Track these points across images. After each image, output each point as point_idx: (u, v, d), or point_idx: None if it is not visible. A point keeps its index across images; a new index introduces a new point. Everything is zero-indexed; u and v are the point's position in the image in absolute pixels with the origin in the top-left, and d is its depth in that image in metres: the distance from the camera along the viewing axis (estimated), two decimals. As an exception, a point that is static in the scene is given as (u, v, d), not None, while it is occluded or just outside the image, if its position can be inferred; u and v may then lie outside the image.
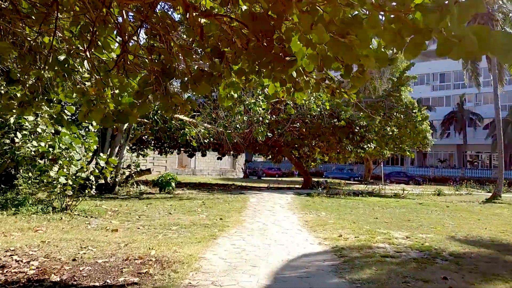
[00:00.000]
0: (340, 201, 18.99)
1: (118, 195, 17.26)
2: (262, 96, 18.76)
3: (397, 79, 25.99)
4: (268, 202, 16.66)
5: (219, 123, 18.85)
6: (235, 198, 17.62)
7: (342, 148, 23.02)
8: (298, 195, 20.38)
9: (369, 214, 14.27)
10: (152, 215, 11.96)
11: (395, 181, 47.73)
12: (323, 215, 13.20)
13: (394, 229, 10.53)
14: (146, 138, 27.36)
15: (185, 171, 40.15)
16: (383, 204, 18.85)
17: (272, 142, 23.97)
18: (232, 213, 12.69)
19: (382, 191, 24.65)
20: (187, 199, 16.76)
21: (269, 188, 23.90)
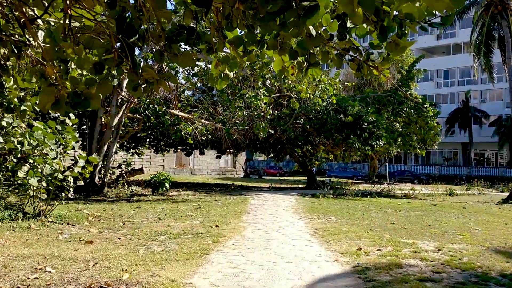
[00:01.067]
0: (349, 202, 17.50)
1: (106, 197, 15.77)
2: (263, 89, 17.29)
3: (406, 72, 24.46)
4: (271, 205, 15.17)
5: (217, 118, 17.36)
6: (235, 200, 16.13)
7: (349, 146, 21.49)
8: (302, 196, 18.88)
9: (384, 218, 12.78)
10: (138, 221, 10.48)
11: (400, 180, 46.31)
12: (333, 220, 11.70)
13: (418, 238, 9.04)
14: (141, 136, 25.93)
15: (184, 171, 38.67)
16: (395, 205, 17.37)
17: (274, 139, 22.47)
18: (230, 219, 11.19)
19: (392, 191, 23.15)
20: (182, 201, 15.27)
21: (271, 188, 22.41)
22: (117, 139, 16.74)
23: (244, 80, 19.10)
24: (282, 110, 22.05)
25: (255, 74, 16.77)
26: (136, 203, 14.02)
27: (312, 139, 22.97)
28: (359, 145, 20.26)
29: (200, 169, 39.71)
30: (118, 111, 16.54)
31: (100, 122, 16.72)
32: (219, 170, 40.89)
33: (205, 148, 24.32)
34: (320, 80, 17.56)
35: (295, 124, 22.51)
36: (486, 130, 55.28)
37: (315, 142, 24.85)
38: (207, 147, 24.81)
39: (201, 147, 23.67)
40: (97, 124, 16.69)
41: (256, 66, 16.65)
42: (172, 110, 18.16)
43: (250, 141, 23.97)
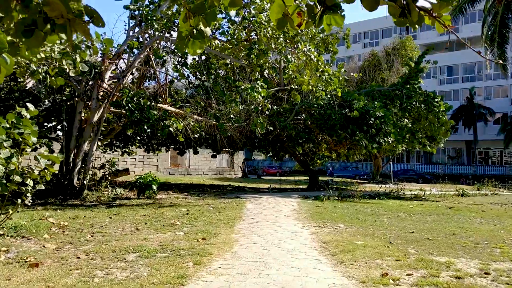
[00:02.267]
0: (356, 206, 15.79)
1: (85, 201, 14.05)
2: (261, 80, 15.57)
3: (415, 64, 22.73)
4: (270, 209, 13.45)
5: (210, 113, 15.64)
6: (229, 204, 14.41)
7: (354, 143, 19.78)
8: (305, 199, 17.16)
9: (399, 225, 11.08)
10: (111, 232, 8.76)
11: (403, 179, 44.67)
12: (342, 229, 9.99)
13: (451, 254, 7.33)
14: (131, 134, 24.22)
15: (179, 171, 36.94)
16: (407, 209, 15.68)
17: (273, 136, 20.76)
18: (221, 228, 9.47)
19: (401, 192, 21.45)
20: (169, 206, 13.54)
21: (270, 190, 20.67)
22: (98, 136, 15.01)
23: (240, 71, 17.37)
24: (282, 105, 20.33)
25: (251, 64, 15.05)
26: (116, 209, 12.29)
27: (314, 137, 21.26)
28: (365, 142, 18.55)
29: (196, 169, 37.97)
30: (99, 105, 14.81)
31: (79, 117, 14.99)
32: (216, 170, 39.15)
33: (199, 146, 22.62)
34: (324, 71, 15.84)
35: (296, 120, 20.79)
36: (491, 127, 53.68)
37: (317, 140, 23.16)
38: (201, 145, 23.11)
39: (195, 145, 21.96)
40: (75, 119, 14.96)
41: (252, 54, 14.95)
42: (161, 105, 16.44)
43: (248, 139, 22.27)
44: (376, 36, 65.01)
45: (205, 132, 19.48)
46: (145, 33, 16.35)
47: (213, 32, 15.79)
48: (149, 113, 13.74)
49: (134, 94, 13.87)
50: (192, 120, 17.52)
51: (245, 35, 15.35)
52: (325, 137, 23.34)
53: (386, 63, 36.78)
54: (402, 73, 35.34)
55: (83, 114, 15.17)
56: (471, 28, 58.61)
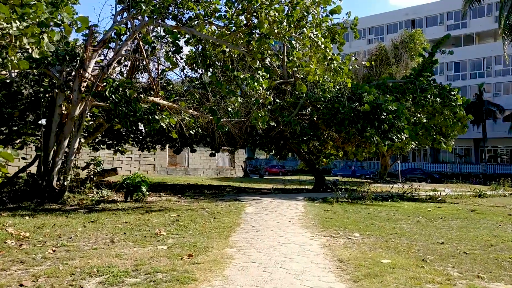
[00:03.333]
0: (369, 209, 14.17)
1: (64, 205, 12.48)
2: (262, 70, 13.96)
3: (429, 54, 21.04)
4: (272, 214, 11.84)
5: (205, 106, 14.05)
6: (227, 208, 12.81)
7: (364, 140, 18.16)
8: (311, 201, 15.54)
9: (424, 234, 9.48)
10: (79, 245, 7.17)
11: (411, 178, 43.02)
12: (359, 240, 8.38)
13: (502, 276, 5.72)
14: (125, 131, 22.67)
15: (177, 170, 35.33)
16: (425, 212, 14.09)
17: (275, 133, 19.14)
18: (214, 240, 7.87)
19: (415, 193, 19.79)
20: (158, 210, 11.95)
21: (273, 191, 19.01)
22: (80, 132, 13.43)
23: (239, 60, 15.77)
24: (286, 98, 18.72)
25: (251, 51, 13.44)
26: (96, 214, 10.70)
27: (320, 133, 19.63)
28: (377, 139, 16.91)
29: (195, 168, 36.35)
30: (82, 97, 13.23)
31: (60, 111, 13.43)
32: (216, 169, 37.52)
33: (196, 144, 21.04)
34: (333, 59, 14.22)
35: (301, 116, 19.17)
36: (500, 125, 51.89)
37: (323, 137, 21.52)
38: (199, 143, 21.53)
39: (191, 143, 20.39)
40: (55, 113, 13.39)
41: (252, 40, 13.34)
42: (152, 98, 14.86)
43: (248, 136, 20.69)
44: (382, 31, 63.34)
45: (202, 129, 17.94)
46: (134, 18, 14.77)
47: (209, 16, 14.17)
48: (136, 105, 12.13)
49: (119, 84, 12.27)
50: (187, 115, 15.96)
51: (245, 19, 13.74)
52: (332, 134, 21.72)
53: (394, 57, 35.06)
54: (411, 67, 33.63)
55: (64, 108, 13.61)
56: (480, 23, 56.87)
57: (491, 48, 55.00)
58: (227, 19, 13.98)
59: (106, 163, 30.48)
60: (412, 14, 60.92)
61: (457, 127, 20.37)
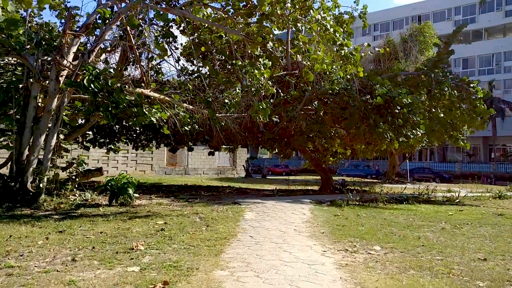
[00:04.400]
0: (384, 213, 12.58)
1: (38, 210, 10.94)
2: (263, 57, 12.40)
3: (445, 44, 19.39)
4: (275, 221, 10.26)
5: (199, 97, 12.50)
6: (223, 213, 11.24)
7: (376, 137, 16.58)
8: (318, 205, 13.95)
9: (455, 245, 7.91)
10: (29, 265, 5.63)
11: (419, 178, 41.37)
12: (381, 256, 6.80)
13: None
14: (118, 129, 21.16)
15: (176, 170, 33.79)
16: (447, 217, 12.50)
17: (278, 129, 17.55)
18: (201, 257, 6.30)
19: (431, 194, 18.15)
20: (144, 216, 10.39)
21: (276, 193, 17.39)
22: (58, 127, 11.88)
23: (238, 48, 14.21)
24: (290, 91, 17.13)
25: (251, 36, 11.87)
26: (69, 222, 9.15)
27: (326, 130, 18.04)
28: (391, 135, 15.30)
29: (195, 168, 34.79)
30: (59, 88, 11.69)
31: (35, 104, 11.89)
32: (217, 169, 35.94)
33: (191, 142, 19.48)
34: (343, 44, 12.63)
35: (306, 111, 17.57)
36: (510, 123, 50.15)
37: (330, 134, 19.92)
38: (196, 141, 19.97)
39: (187, 140, 18.85)
40: (30, 106, 11.86)
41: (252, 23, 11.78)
42: (142, 90, 13.32)
43: (250, 133, 19.13)
44: (387, 28, 61.76)
45: (198, 125, 16.41)
46: (121, 1, 13.25)
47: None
48: (119, 96, 10.57)
49: (99, 72, 10.71)
50: (181, 110, 14.42)
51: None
52: (339, 131, 20.13)
53: (403, 51, 33.36)
54: (420, 62, 31.94)
55: (40, 100, 12.08)
56: (489, 18, 55.11)
57: (501, 44, 53.32)
58: (224, 0, 12.42)
59: (100, 163, 29.04)
60: (419, 9, 59.26)
61: (476, 122, 18.72)
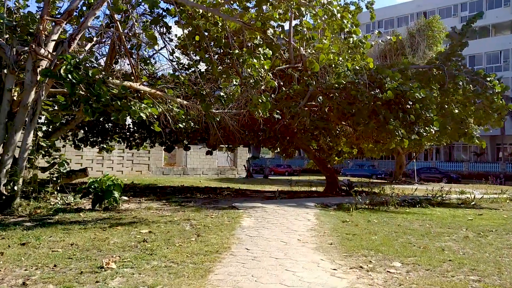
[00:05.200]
0: (397, 218, 11.35)
1: (12, 215, 9.77)
2: (264, 47, 11.20)
3: (459, 35, 18.13)
4: (276, 229, 9.05)
5: (191, 89, 11.32)
6: (218, 219, 10.03)
7: (384, 135, 15.39)
8: (324, 209, 12.71)
9: (489, 260, 6.70)
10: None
11: (426, 178, 40.05)
12: (403, 275, 5.59)
13: None
14: (110, 127, 20.00)
15: (174, 170, 32.59)
16: (466, 222, 11.30)
17: (280, 126, 16.33)
18: (184, 279, 5.11)
19: (446, 196, 16.89)
20: (128, 223, 9.18)
21: (278, 196, 16.10)
22: (34, 123, 10.69)
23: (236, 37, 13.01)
24: (292, 86, 15.92)
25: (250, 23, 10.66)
26: (40, 230, 7.96)
27: (332, 127, 16.83)
28: (403, 132, 14.06)
29: (194, 168, 33.58)
30: (37, 80, 10.52)
31: (10, 97, 10.72)
32: (217, 169, 34.71)
33: (186, 140, 18.28)
34: (351, 32, 11.39)
35: (310, 107, 16.35)
36: (519, 122, 48.81)
37: (335, 132, 18.71)
38: (192, 140, 18.77)
39: (182, 139, 17.66)
40: (4, 100, 10.69)
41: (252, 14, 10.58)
42: (130, 83, 12.12)
43: (250, 130, 17.94)
44: (391, 24, 60.58)
45: (194, 122, 15.26)
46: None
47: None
48: (100, 88, 9.37)
49: (80, 62, 9.52)
50: (175, 105, 13.22)
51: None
52: (346, 128, 18.91)
53: (410, 47, 32.06)
54: (429, 57, 30.64)
55: (16, 94, 10.91)
56: (497, 14, 53.75)
57: (509, 40, 52.03)
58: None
59: (95, 163, 27.90)
60: (424, 6, 58.03)
61: (492, 119, 17.46)
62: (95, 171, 26.49)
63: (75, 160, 26.38)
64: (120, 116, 9.66)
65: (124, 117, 9.70)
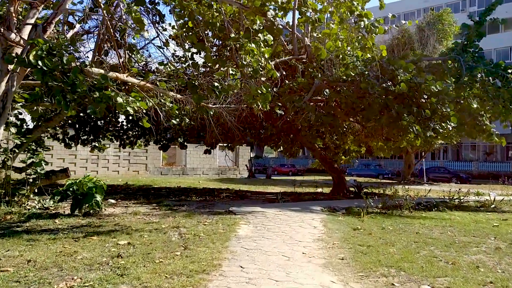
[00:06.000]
0: (414, 225, 10.06)
1: (-24, 223, 8.59)
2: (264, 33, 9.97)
3: (476, 24, 16.78)
4: (277, 239, 7.79)
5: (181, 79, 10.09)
6: (211, 227, 8.78)
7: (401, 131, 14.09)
8: (332, 214, 11.42)
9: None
10: None
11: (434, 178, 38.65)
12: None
13: None
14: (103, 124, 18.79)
15: (173, 170, 31.37)
16: (491, 228, 10.01)
17: (283, 122, 15.06)
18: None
19: (463, 199, 15.56)
20: (107, 232, 7.95)
21: (280, 198, 14.74)
22: (4, 118, 9.47)
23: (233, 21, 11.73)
24: (296, 78, 14.65)
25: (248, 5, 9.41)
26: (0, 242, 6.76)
27: (339, 124, 15.56)
28: (417, 128, 12.75)
29: (194, 168, 32.34)
30: (7, 69, 9.30)
31: (-23, 89, 9.50)
32: (218, 169, 33.44)
33: (181, 138, 17.04)
34: (362, 15, 10.11)
35: (316, 102, 15.08)
36: (530, 120, 47.22)
37: (342, 129, 17.44)
38: (189, 137, 17.54)
39: (175, 136, 16.44)
40: (-29, 92, 9.47)
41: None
42: (118, 74, 10.88)
43: (250, 128, 16.70)
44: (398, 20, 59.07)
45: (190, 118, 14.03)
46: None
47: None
48: (76, 77, 8.14)
49: (53, 47, 8.29)
50: (168, 100, 11.98)
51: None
52: (353, 125, 17.64)
53: (419, 41, 30.71)
54: (439, 52, 29.28)
55: (-16, 84, 9.69)
56: (506, 9, 52.19)
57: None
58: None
59: (89, 163, 26.72)
60: (431, 1, 56.61)
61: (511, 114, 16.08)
62: (89, 171, 25.33)
63: (69, 159, 25.22)
64: (98, 109, 8.41)
65: (102, 109, 8.46)
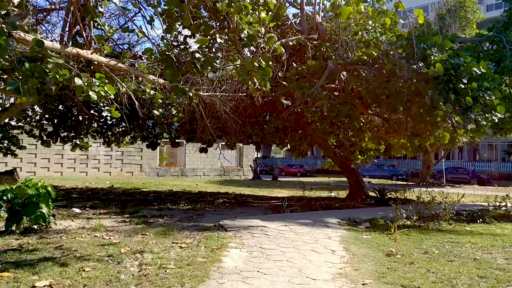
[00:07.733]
0: (463, 245, 7.50)
1: None
2: None
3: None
4: (279, 275, 5.26)
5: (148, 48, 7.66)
6: (188, 253, 6.29)
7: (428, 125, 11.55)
8: (353, 230, 8.82)
9: None
10: None
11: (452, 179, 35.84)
12: None
13: None
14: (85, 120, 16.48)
15: (171, 171, 28.93)
16: None
17: (289, 113, 12.51)
18: None
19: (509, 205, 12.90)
20: (32, 264, 5.50)
21: (286, 208, 11.89)
22: None
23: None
24: (306, 61, 12.12)
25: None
26: None
27: (358, 115, 13.02)
28: (458, 120, 10.17)
29: (194, 169, 29.86)
30: None
31: None
32: (220, 170, 30.87)
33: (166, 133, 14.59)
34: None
35: (329, 88, 12.55)
36: (552, 116, 44.24)
37: (359, 124, 14.88)
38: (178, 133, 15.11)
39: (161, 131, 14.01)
40: None
41: None
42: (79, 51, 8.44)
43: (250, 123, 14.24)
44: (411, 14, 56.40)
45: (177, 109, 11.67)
46: None
47: None
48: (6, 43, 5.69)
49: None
50: (149, 86, 9.57)
51: None
52: (372, 119, 15.08)
53: (440, 30, 28.04)
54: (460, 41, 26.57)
55: None
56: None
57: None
58: None
59: (78, 163, 24.39)
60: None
61: None
62: (77, 173, 23.02)
63: (54, 160, 22.91)
64: (28, 86, 5.96)
65: (34, 86, 6.00)
